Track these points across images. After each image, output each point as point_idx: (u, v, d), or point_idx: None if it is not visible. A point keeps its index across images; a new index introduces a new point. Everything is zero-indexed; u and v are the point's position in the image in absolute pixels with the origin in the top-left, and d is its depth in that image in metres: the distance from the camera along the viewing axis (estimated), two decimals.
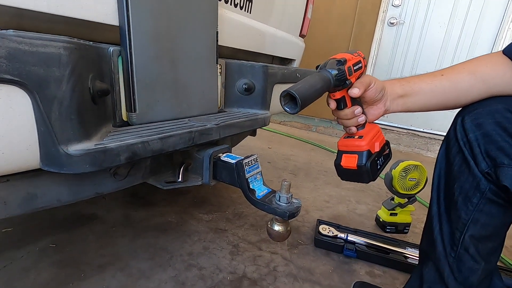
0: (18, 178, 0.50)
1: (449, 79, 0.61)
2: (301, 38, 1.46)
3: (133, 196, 1.44)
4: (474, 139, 0.57)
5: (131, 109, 0.60)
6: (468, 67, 0.60)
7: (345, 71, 0.59)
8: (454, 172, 0.62)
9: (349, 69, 0.59)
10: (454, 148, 0.62)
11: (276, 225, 0.65)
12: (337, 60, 0.59)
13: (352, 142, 0.64)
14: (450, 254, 0.63)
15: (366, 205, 1.60)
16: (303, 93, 0.52)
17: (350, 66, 0.60)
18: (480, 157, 0.56)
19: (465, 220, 0.60)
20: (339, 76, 0.58)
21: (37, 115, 0.40)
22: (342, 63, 0.59)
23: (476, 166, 0.57)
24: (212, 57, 0.78)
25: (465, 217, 0.60)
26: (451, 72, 0.62)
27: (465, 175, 0.60)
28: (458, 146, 0.61)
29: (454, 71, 0.61)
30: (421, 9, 2.80)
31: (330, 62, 0.59)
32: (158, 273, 0.95)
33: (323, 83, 0.56)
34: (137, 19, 0.56)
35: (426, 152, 2.93)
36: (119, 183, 0.67)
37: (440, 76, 0.62)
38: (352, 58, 0.61)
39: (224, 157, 0.75)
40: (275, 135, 3.00)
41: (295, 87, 0.52)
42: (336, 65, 0.58)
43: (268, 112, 0.95)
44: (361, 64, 0.63)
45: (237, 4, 0.91)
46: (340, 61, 0.59)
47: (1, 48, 0.34)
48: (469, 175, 0.59)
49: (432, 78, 0.63)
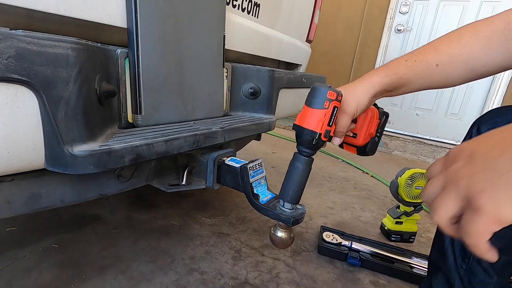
0: (23, 178, 0.50)
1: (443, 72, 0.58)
2: (307, 43, 1.46)
3: (137, 198, 1.44)
4: None
5: (137, 111, 0.60)
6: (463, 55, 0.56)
7: (323, 140, 0.53)
8: None
9: (326, 134, 0.52)
10: None
11: (279, 231, 0.64)
12: (311, 137, 0.52)
13: (348, 139, 0.64)
14: (461, 266, 0.61)
15: (371, 213, 1.57)
16: (298, 196, 0.60)
17: (326, 130, 0.52)
18: None
19: None
20: (319, 145, 0.54)
21: (43, 115, 0.41)
22: (317, 138, 0.52)
23: None
24: (219, 60, 0.79)
25: None
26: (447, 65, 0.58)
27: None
28: None
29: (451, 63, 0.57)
30: (428, 16, 2.79)
31: (306, 140, 0.53)
32: (160, 276, 0.94)
33: (307, 170, 0.57)
34: (145, 22, 0.56)
35: (433, 160, 2.89)
36: (123, 184, 0.66)
37: (434, 67, 0.58)
38: (325, 117, 0.51)
39: (228, 161, 0.74)
40: (280, 140, 3.00)
41: (289, 196, 0.59)
42: (312, 142, 0.52)
43: (273, 117, 0.94)
44: (337, 108, 0.52)
45: (244, 9, 0.91)
46: (314, 138, 0.52)
47: (9, 48, 0.34)
48: None
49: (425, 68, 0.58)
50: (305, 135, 0.52)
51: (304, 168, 0.56)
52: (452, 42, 0.57)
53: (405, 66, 0.58)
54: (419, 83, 0.59)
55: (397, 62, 0.59)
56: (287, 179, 0.59)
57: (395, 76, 0.58)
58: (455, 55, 0.57)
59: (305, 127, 0.52)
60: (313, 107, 0.51)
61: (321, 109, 0.50)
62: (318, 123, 0.51)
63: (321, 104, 0.50)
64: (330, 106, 0.50)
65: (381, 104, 0.66)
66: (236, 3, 0.86)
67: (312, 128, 0.51)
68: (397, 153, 2.98)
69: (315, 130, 0.51)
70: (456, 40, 0.57)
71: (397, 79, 0.58)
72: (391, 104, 3.06)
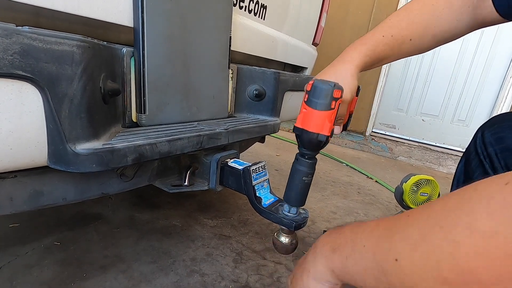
0: (26, 175, 0.50)
1: (415, 45, 0.61)
2: (313, 47, 1.46)
3: (139, 198, 1.44)
4: (494, 153, 0.56)
5: (141, 111, 0.60)
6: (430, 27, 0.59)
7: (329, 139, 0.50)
8: None
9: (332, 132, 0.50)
10: (474, 162, 0.61)
11: (282, 236, 0.63)
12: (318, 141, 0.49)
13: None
14: None
15: (374, 218, 1.55)
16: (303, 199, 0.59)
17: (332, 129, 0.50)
18: (500, 171, 0.55)
19: None
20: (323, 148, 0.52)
21: (47, 112, 0.40)
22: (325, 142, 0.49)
23: None
24: (224, 61, 0.78)
25: None
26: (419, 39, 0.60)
27: None
28: (479, 159, 0.59)
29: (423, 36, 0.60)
30: None
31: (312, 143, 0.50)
32: (160, 277, 0.93)
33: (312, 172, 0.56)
34: (152, 22, 0.56)
35: (438, 166, 2.86)
36: (126, 184, 0.66)
37: (408, 42, 0.60)
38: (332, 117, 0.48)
39: (231, 162, 0.74)
40: (283, 143, 2.99)
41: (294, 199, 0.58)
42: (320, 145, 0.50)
43: (278, 119, 0.94)
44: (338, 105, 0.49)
45: (251, 10, 0.91)
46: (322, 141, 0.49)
47: (15, 44, 0.34)
48: None
49: (401, 43, 0.60)
50: (311, 139, 0.49)
51: (309, 170, 0.55)
52: (426, 14, 0.60)
53: (383, 42, 0.60)
54: (393, 57, 0.63)
55: (375, 38, 0.61)
56: (291, 182, 0.57)
57: (375, 55, 0.60)
58: (428, 28, 0.59)
59: (311, 131, 0.48)
60: (319, 109, 0.47)
61: (328, 111, 0.47)
62: (326, 126, 0.48)
63: (328, 106, 0.47)
64: (336, 106, 0.47)
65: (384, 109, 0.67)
66: (243, 4, 0.86)
67: (321, 131, 0.48)
68: (402, 159, 2.95)
69: (323, 133, 0.48)
70: (430, 11, 0.59)
71: (376, 57, 0.60)
72: (397, 109, 3.04)
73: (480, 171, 0.59)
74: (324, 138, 0.49)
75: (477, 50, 2.65)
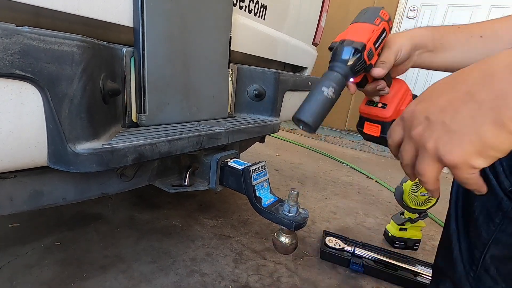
0: (26, 175, 0.50)
1: (486, 46, 0.53)
2: (313, 47, 1.46)
3: (139, 198, 1.44)
4: None
5: (141, 111, 0.60)
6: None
7: (365, 59, 0.46)
8: None
9: (370, 53, 0.46)
10: None
11: (283, 236, 0.63)
12: (353, 48, 0.45)
13: (375, 111, 0.55)
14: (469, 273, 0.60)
15: (374, 218, 1.55)
16: (313, 116, 0.45)
17: (370, 48, 0.46)
18: (502, 175, 0.53)
19: (485, 239, 0.57)
20: (357, 68, 0.46)
21: (47, 112, 0.40)
22: (360, 51, 0.45)
23: (498, 184, 0.54)
24: (224, 61, 0.78)
25: (486, 236, 0.57)
26: (491, 38, 0.53)
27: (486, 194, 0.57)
28: None
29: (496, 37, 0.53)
30: (436, 22, 2.77)
31: (345, 51, 0.46)
32: (160, 277, 0.93)
33: (337, 92, 0.46)
34: (152, 22, 0.56)
35: None
36: (126, 184, 0.66)
37: (478, 38, 0.54)
38: (373, 33, 0.45)
39: (231, 162, 0.74)
40: (283, 143, 2.98)
41: (304, 112, 0.46)
42: (353, 55, 0.45)
43: (278, 119, 0.94)
44: (385, 33, 0.47)
45: (251, 10, 0.91)
46: (357, 50, 0.45)
47: (15, 44, 0.34)
48: (490, 194, 0.55)
49: (468, 36, 0.54)
50: (346, 47, 0.45)
51: (334, 84, 0.46)
52: (496, 22, 0.55)
53: (448, 29, 0.55)
54: (461, 51, 0.55)
55: (438, 27, 0.56)
56: (310, 97, 0.47)
57: (438, 33, 0.54)
58: (500, 30, 0.53)
59: (348, 39, 0.45)
60: (361, 21, 0.46)
61: (371, 24, 0.45)
62: (365, 35, 0.45)
63: (371, 19, 0.45)
64: (380, 25, 0.45)
65: None
66: (243, 4, 0.86)
67: (358, 39, 0.44)
68: None
69: (361, 40, 0.44)
70: (500, 21, 0.55)
71: (439, 37, 0.55)
72: None
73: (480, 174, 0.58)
74: (359, 46, 0.45)
75: None
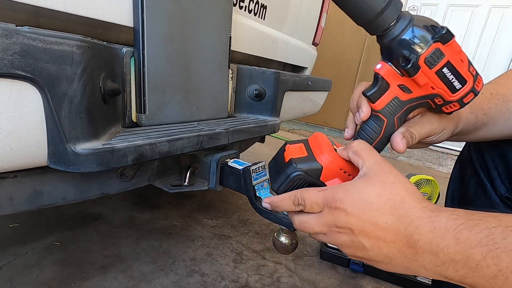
0: (25, 175, 0.50)
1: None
2: (313, 46, 1.46)
3: (139, 198, 1.44)
4: (491, 160, 0.52)
5: (141, 111, 0.60)
6: None
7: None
8: (469, 195, 0.57)
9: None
10: (468, 169, 0.57)
11: (282, 236, 0.63)
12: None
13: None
14: None
15: None
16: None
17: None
18: (498, 181, 0.51)
19: None
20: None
21: (47, 112, 0.40)
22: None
23: (494, 190, 0.52)
24: (224, 61, 0.78)
25: None
26: None
27: (481, 200, 0.54)
28: (473, 167, 0.56)
29: None
30: None
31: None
32: (160, 277, 0.93)
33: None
34: (152, 21, 0.56)
35: (438, 166, 2.86)
36: (125, 184, 0.66)
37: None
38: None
39: (231, 162, 0.73)
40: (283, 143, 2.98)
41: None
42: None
43: (278, 119, 0.94)
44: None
45: (251, 10, 0.91)
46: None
47: (15, 44, 0.34)
48: (486, 200, 0.54)
49: (505, 104, 0.45)
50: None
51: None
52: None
53: (486, 102, 0.46)
54: (503, 121, 0.46)
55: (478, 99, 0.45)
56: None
57: (480, 112, 0.45)
58: None
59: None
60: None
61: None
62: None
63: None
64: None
65: None
66: (243, 4, 0.86)
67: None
68: (402, 159, 2.95)
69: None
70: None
71: (481, 116, 0.45)
72: None
73: (475, 180, 0.55)
74: None
75: (477, 50, 2.65)
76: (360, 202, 0.33)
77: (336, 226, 0.35)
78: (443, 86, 0.35)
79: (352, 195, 0.34)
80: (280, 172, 0.42)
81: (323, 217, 0.36)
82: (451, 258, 0.28)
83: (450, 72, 0.34)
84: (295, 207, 0.39)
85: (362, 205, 0.33)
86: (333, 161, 0.38)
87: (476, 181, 0.55)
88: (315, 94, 1.28)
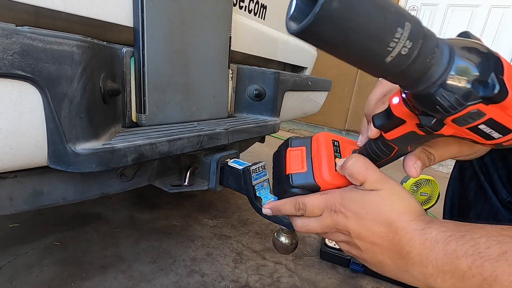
0: (25, 175, 0.50)
1: None
2: (313, 46, 1.46)
3: (139, 198, 1.44)
4: (491, 163, 0.50)
5: (141, 111, 0.60)
6: None
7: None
8: (469, 198, 0.56)
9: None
10: (468, 172, 0.56)
11: (282, 236, 0.63)
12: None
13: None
14: None
15: None
16: None
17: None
18: (499, 184, 0.50)
19: None
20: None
21: (47, 112, 0.40)
22: None
23: (495, 194, 0.50)
24: (224, 61, 0.78)
25: None
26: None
27: (482, 203, 0.53)
28: (473, 170, 0.54)
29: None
30: (436, 22, 2.77)
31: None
32: (160, 277, 0.93)
33: None
34: (152, 22, 0.56)
35: (438, 166, 2.86)
36: (125, 184, 0.66)
37: None
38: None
39: (231, 162, 0.74)
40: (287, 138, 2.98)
41: None
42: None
43: (278, 119, 0.94)
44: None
45: (251, 10, 0.91)
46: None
47: (15, 44, 0.34)
48: (486, 203, 0.52)
49: None
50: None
51: None
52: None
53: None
54: None
55: None
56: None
57: None
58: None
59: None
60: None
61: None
62: None
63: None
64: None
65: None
66: (243, 4, 0.86)
67: None
68: (402, 159, 2.95)
69: None
70: None
71: None
72: None
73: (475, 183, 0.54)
74: None
75: None
76: (359, 209, 0.34)
77: (336, 228, 0.37)
78: (476, 136, 0.27)
79: (352, 202, 0.35)
80: (280, 182, 0.43)
81: (323, 220, 0.37)
82: (439, 270, 0.29)
83: (488, 127, 0.26)
84: (296, 211, 0.40)
85: (361, 213, 0.34)
86: (331, 182, 0.39)
87: (476, 185, 0.54)
88: (315, 94, 1.29)
